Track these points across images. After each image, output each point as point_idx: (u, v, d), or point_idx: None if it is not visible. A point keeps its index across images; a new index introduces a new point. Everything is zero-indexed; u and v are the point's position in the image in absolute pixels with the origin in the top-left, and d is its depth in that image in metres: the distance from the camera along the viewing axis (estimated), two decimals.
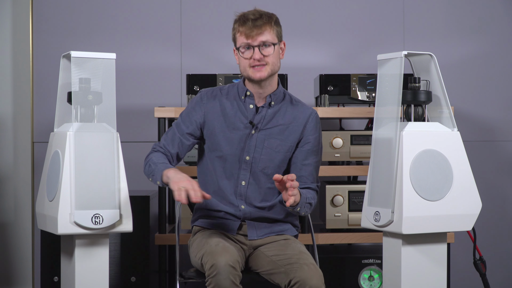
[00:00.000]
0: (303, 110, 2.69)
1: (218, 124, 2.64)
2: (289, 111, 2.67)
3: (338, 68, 3.97)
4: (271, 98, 2.65)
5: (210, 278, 2.36)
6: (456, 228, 2.45)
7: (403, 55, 2.40)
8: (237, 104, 2.66)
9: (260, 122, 2.64)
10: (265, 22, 2.57)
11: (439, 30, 4.03)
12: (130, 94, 3.93)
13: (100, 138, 2.40)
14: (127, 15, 3.95)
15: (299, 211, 2.56)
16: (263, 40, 2.56)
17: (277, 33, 2.61)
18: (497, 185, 4.03)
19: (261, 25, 2.56)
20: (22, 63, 3.91)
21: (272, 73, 2.60)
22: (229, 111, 2.65)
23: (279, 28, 2.63)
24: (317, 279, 2.40)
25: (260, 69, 2.57)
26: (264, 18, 2.58)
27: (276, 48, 2.59)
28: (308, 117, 2.67)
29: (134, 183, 3.74)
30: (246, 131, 2.63)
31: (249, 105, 2.65)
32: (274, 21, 2.61)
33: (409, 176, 2.37)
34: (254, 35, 2.55)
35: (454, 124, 2.50)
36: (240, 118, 2.64)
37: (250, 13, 2.59)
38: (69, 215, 2.33)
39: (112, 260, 3.26)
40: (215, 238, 2.52)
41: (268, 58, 2.57)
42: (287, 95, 2.70)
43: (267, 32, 2.57)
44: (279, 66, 2.62)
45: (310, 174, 2.66)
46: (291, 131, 2.65)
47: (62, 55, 2.52)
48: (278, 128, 2.65)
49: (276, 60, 2.60)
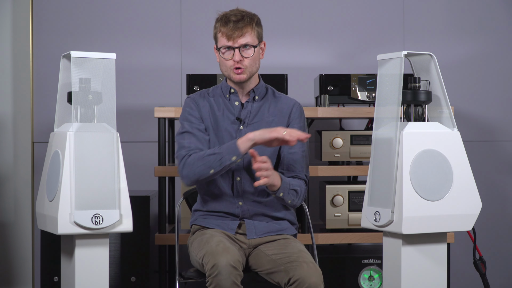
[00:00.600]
0: (286, 102, 2.75)
1: (209, 124, 2.69)
2: (273, 104, 2.73)
3: (338, 68, 3.97)
4: (254, 92, 2.71)
5: (211, 278, 2.37)
6: (456, 228, 2.45)
7: (403, 55, 2.40)
8: (223, 102, 2.72)
9: (247, 117, 2.69)
10: (247, 24, 2.62)
11: (439, 30, 4.03)
12: (130, 94, 3.93)
13: (100, 138, 2.40)
14: (127, 15, 3.95)
15: (282, 197, 2.58)
16: (244, 42, 2.62)
17: (258, 35, 2.67)
18: (497, 185, 4.03)
19: (243, 27, 2.61)
20: (22, 63, 3.91)
21: (251, 75, 2.67)
22: (217, 110, 2.71)
23: (260, 29, 2.69)
24: (316, 277, 2.42)
25: (240, 72, 2.64)
26: (246, 20, 2.62)
27: (256, 50, 2.65)
28: (291, 107, 2.74)
29: (134, 183, 3.74)
30: (235, 127, 2.68)
31: (235, 102, 2.71)
32: (256, 23, 2.66)
33: (409, 176, 2.37)
34: (236, 37, 2.61)
35: (454, 124, 2.50)
36: (228, 115, 2.70)
37: (232, 14, 2.63)
38: (69, 215, 2.33)
39: (112, 260, 3.26)
40: (215, 238, 2.53)
41: (247, 61, 2.63)
42: (269, 89, 2.77)
43: (248, 34, 2.62)
44: (257, 67, 2.69)
45: (296, 162, 2.69)
46: (277, 123, 2.70)
47: (62, 55, 2.52)
48: (265, 121, 2.70)
49: (255, 62, 2.67)
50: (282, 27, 3.95)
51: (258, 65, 2.69)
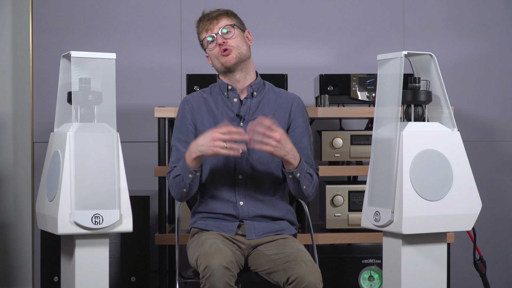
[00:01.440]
0: (286, 96, 2.75)
1: (208, 123, 2.69)
2: (272, 99, 2.73)
3: (338, 68, 3.97)
4: (252, 88, 2.71)
5: (204, 279, 2.38)
6: (456, 228, 2.45)
7: (403, 55, 2.40)
8: (221, 99, 2.72)
9: (246, 113, 2.69)
10: (221, 13, 2.69)
11: (439, 30, 4.03)
12: (130, 94, 3.93)
13: (100, 138, 2.40)
14: (127, 15, 3.95)
15: (299, 178, 2.57)
16: (221, 25, 2.66)
17: (236, 22, 2.70)
18: (497, 185, 4.03)
19: (217, 16, 2.68)
20: (22, 63, 3.91)
21: (240, 56, 2.67)
22: (215, 108, 2.71)
23: (237, 19, 2.73)
24: (315, 276, 2.42)
25: (227, 52, 2.65)
26: (220, 11, 2.70)
27: (237, 31, 2.68)
28: (292, 102, 2.74)
29: (134, 183, 3.74)
30: (234, 124, 2.67)
31: (233, 99, 2.71)
32: (230, 13, 2.71)
33: (409, 176, 2.37)
34: (213, 26, 2.66)
35: (454, 124, 2.50)
36: (227, 112, 2.69)
37: (205, 14, 2.71)
38: (69, 215, 2.33)
39: (112, 260, 3.26)
40: (210, 240, 2.53)
41: (231, 41, 2.66)
42: (267, 84, 2.78)
43: (225, 19, 2.68)
44: (246, 49, 2.69)
45: (308, 157, 2.69)
46: (278, 118, 2.69)
47: (62, 55, 2.52)
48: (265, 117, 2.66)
49: (241, 43, 2.68)
50: (282, 27, 3.95)
51: (247, 48, 2.69)
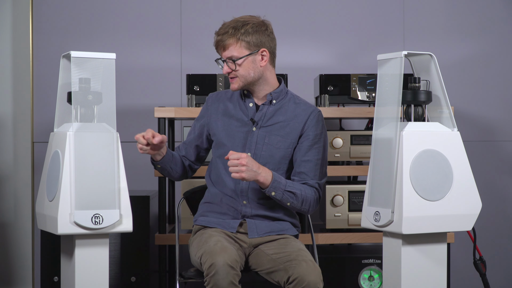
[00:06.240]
0: (305, 108, 2.72)
1: (221, 124, 2.71)
2: (290, 109, 2.71)
3: (338, 68, 3.97)
4: (271, 96, 2.70)
5: (209, 277, 2.38)
6: (456, 228, 2.45)
7: (403, 55, 2.40)
8: (238, 104, 2.73)
9: (261, 119, 2.69)
10: (230, 36, 2.62)
11: (439, 30, 4.03)
12: (130, 94, 3.93)
13: (100, 138, 2.40)
14: (127, 15, 3.95)
15: (274, 196, 2.58)
16: (228, 56, 2.65)
17: (247, 45, 2.63)
18: (497, 185, 4.03)
19: (225, 41, 2.63)
20: (22, 63, 3.91)
21: (245, 83, 2.66)
22: (231, 110, 2.72)
23: (251, 38, 2.63)
24: (315, 275, 2.42)
25: (232, 81, 2.67)
26: (230, 32, 2.62)
27: (245, 61, 2.64)
28: (309, 114, 2.71)
29: (134, 183, 3.74)
30: (247, 128, 2.68)
31: (249, 104, 2.71)
32: (242, 33, 2.62)
33: (409, 176, 2.37)
34: (221, 52, 2.67)
35: (454, 124, 2.50)
36: (241, 116, 2.71)
37: (221, 27, 2.66)
38: (69, 215, 2.33)
39: (112, 260, 3.26)
40: (214, 237, 2.53)
41: (237, 71, 2.65)
42: (289, 94, 2.75)
43: (232, 48, 2.63)
44: (253, 75, 2.65)
45: (310, 170, 2.67)
46: (292, 128, 2.68)
47: (62, 55, 2.52)
48: (279, 125, 2.68)
49: (248, 71, 2.65)
50: (282, 27, 3.95)
51: (255, 72, 2.65)
